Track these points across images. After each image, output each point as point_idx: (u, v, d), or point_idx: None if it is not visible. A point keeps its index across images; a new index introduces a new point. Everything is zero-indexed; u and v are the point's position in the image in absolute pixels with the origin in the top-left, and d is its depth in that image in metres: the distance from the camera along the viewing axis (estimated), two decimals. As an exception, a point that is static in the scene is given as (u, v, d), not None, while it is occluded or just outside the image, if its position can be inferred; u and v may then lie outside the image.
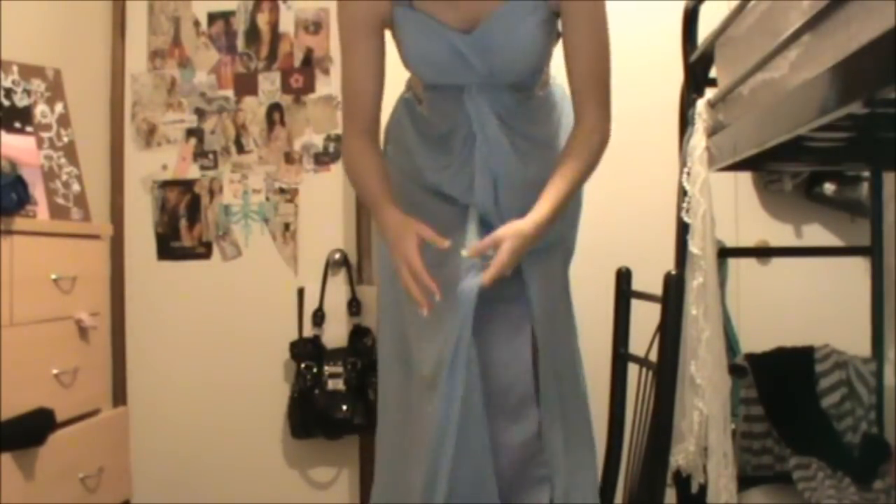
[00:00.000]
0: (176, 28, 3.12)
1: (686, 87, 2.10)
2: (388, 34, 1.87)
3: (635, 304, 2.18)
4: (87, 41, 3.02)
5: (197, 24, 3.12)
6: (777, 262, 2.77)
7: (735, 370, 2.19)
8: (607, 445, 2.15)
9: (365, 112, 1.85)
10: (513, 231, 1.68)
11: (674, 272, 1.92)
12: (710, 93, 2.01)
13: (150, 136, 3.13)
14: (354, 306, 2.98)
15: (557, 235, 1.88)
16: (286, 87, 3.08)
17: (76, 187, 2.57)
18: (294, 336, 2.98)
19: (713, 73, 2.04)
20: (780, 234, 2.79)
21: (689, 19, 2.11)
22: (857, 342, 2.38)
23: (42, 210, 2.39)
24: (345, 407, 2.85)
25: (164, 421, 3.07)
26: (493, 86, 1.81)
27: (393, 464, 1.93)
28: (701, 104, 1.97)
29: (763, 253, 2.76)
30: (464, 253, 1.69)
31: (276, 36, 3.08)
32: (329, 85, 3.04)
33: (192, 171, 3.12)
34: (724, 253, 2.46)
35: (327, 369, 2.90)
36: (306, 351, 2.94)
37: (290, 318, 3.01)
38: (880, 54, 1.06)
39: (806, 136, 1.56)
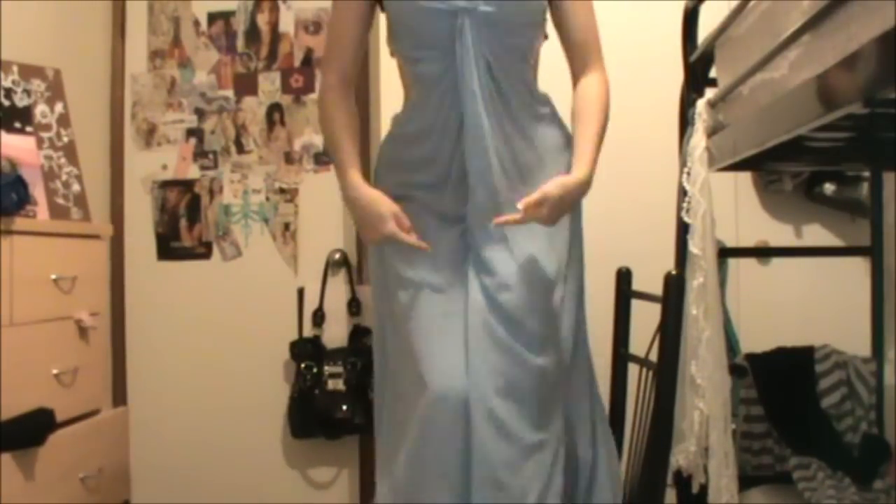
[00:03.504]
0: (176, 28, 3.12)
1: (686, 87, 2.11)
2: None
3: (635, 304, 2.18)
4: (87, 41, 3.02)
5: (197, 24, 3.12)
6: (777, 262, 2.76)
7: (735, 370, 2.19)
8: (607, 445, 2.15)
9: (345, 56, 1.86)
10: (559, 184, 1.71)
11: (674, 272, 1.92)
12: (710, 93, 2.01)
13: (150, 136, 3.13)
14: (354, 306, 2.98)
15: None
16: (286, 87, 3.08)
17: (76, 187, 2.57)
18: (294, 336, 2.98)
19: (713, 73, 2.04)
20: (780, 234, 2.79)
21: (689, 19, 2.11)
22: (857, 342, 2.38)
23: (42, 210, 2.39)
24: (345, 407, 2.85)
25: (164, 421, 3.07)
26: (487, 26, 1.75)
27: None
28: (701, 104, 1.97)
29: (763, 253, 2.75)
30: (519, 206, 1.68)
31: (276, 36, 3.08)
32: (329, 85, 3.04)
33: (192, 171, 3.12)
34: (724, 253, 2.46)
35: (327, 369, 2.89)
36: (306, 351, 2.94)
37: (290, 318, 3.01)
38: (880, 54, 1.06)
39: (806, 136, 1.56)
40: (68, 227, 2.45)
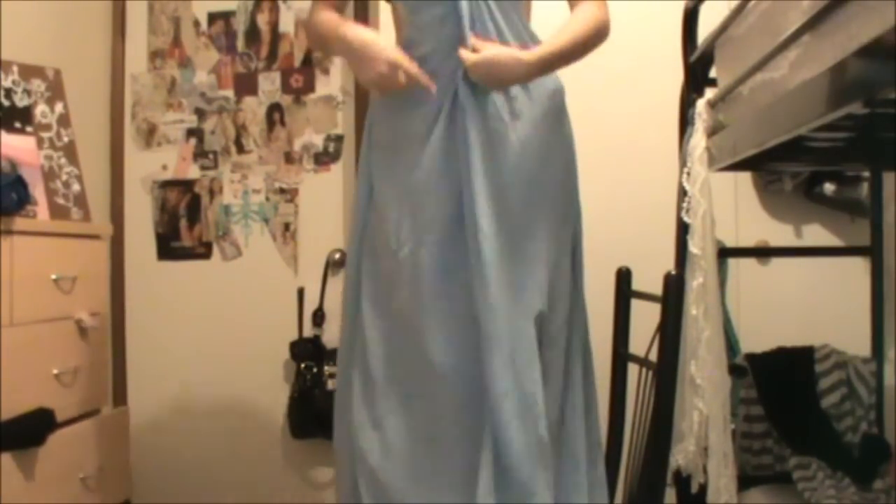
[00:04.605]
0: (176, 28, 3.12)
1: (686, 87, 2.11)
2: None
3: (635, 304, 2.18)
4: (87, 41, 3.02)
5: (197, 24, 3.12)
6: (777, 262, 2.76)
7: (735, 370, 2.19)
8: (607, 446, 2.15)
9: None
10: (506, 50, 1.76)
11: (674, 272, 1.92)
12: (710, 93, 2.01)
13: (150, 136, 3.13)
14: (354, 306, 2.98)
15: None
16: (286, 87, 3.08)
17: (76, 187, 2.57)
18: (294, 336, 2.98)
19: (713, 73, 2.04)
20: (780, 234, 2.79)
21: (689, 19, 2.11)
22: (857, 342, 2.38)
23: (42, 210, 2.39)
24: (345, 407, 2.85)
25: (164, 421, 3.07)
26: None
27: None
28: (701, 104, 1.97)
29: (763, 253, 2.75)
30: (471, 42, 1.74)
31: (276, 36, 3.08)
32: (329, 85, 3.04)
33: (192, 171, 3.12)
34: (724, 253, 2.46)
35: (327, 369, 2.89)
36: (306, 351, 2.94)
37: (290, 318, 3.01)
38: (880, 54, 1.06)
39: (806, 136, 1.57)
40: (68, 227, 2.45)
